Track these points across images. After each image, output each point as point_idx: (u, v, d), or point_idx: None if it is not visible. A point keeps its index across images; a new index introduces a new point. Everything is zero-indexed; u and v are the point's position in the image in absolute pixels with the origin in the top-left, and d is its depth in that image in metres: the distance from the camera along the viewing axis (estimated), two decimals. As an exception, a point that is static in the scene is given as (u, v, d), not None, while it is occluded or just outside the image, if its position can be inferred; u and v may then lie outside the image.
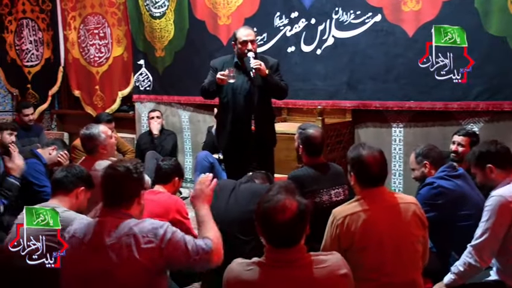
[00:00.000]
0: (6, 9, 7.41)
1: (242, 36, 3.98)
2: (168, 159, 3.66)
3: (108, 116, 5.83)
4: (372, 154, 2.43)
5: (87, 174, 2.99)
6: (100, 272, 2.04)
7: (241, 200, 3.15)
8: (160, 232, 2.07)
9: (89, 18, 6.80)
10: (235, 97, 4.03)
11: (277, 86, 3.98)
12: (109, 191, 2.20)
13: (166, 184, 3.50)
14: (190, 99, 6.07)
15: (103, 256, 2.04)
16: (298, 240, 1.90)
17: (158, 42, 6.15)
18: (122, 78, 6.70)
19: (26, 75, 7.53)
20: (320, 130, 3.49)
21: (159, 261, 2.05)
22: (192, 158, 6.21)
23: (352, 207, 2.40)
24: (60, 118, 7.83)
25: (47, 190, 3.87)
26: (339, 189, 3.34)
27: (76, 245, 2.14)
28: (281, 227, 1.85)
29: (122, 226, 2.09)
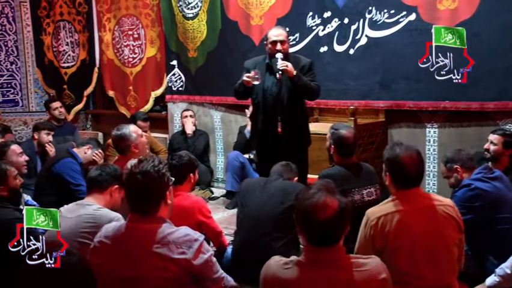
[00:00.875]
0: (45, 12, 7.58)
1: (272, 37, 3.97)
2: (178, 156, 3.45)
3: (144, 115, 5.90)
4: (409, 154, 2.38)
5: (121, 173, 3.02)
6: (131, 279, 2.03)
7: (273, 198, 3.17)
8: (194, 246, 2.06)
9: (124, 20, 6.90)
10: (265, 98, 4.02)
11: (306, 87, 3.94)
12: (133, 197, 2.16)
13: (182, 183, 3.35)
14: (222, 100, 6.09)
15: (133, 264, 2.04)
16: (338, 239, 1.86)
17: (191, 42, 6.19)
18: (155, 79, 6.77)
19: (62, 76, 7.68)
20: (352, 131, 3.46)
21: (189, 274, 2.04)
22: (224, 158, 6.23)
23: (386, 207, 2.37)
24: (95, 118, 7.97)
25: (83, 189, 3.94)
26: (371, 189, 3.30)
27: (105, 252, 2.13)
28: (322, 225, 1.81)
29: (154, 233, 2.07)
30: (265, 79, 4.01)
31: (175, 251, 2.03)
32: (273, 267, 1.94)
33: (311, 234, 1.86)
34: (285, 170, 3.44)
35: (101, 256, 2.13)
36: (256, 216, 3.18)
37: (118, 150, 3.85)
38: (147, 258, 2.03)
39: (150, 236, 2.06)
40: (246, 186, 3.42)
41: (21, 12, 7.56)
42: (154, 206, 2.14)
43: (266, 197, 3.21)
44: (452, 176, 3.28)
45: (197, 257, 2.05)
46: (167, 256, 2.02)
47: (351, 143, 3.37)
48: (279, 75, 3.87)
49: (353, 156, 3.42)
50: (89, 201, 2.84)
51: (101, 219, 2.68)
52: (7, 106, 7.66)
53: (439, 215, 2.34)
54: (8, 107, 7.67)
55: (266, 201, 3.19)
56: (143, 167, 2.16)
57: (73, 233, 2.66)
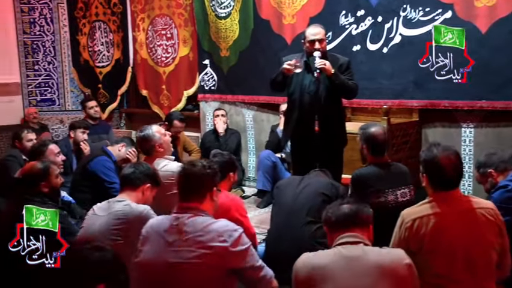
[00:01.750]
0: (81, 13, 7.74)
1: (310, 35, 3.95)
2: (220, 154, 3.56)
3: (180, 115, 5.90)
4: (447, 155, 2.33)
5: (154, 172, 3.07)
6: (174, 264, 2.14)
7: (308, 187, 3.23)
8: (235, 234, 2.18)
9: (157, 20, 6.98)
10: (303, 96, 3.99)
11: (344, 86, 3.91)
12: (184, 186, 2.33)
13: (222, 181, 3.35)
14: (254, 99, 6.09)
15: (178, 250, 2.15)
16: (361, 223, 2.11)
17: (223, 42, 6.22)
18: (188, 78, 6.82)
19: (97, 76, 7.82)
20: (382, 128, 3.42)
21: (229, 262, 2.13)
22: (255, 157, 6.23)
23: (422, 209, 2.32)
24: (128, 117, 8.08)
25: (117, 186, 3.99)
26: (405, 190, 3.25)
27: (154, 239, 2.25)
28: (344, 215, 2.09)
29: (198, 222, 2.20)
30: (303, 77, 3.99)
31: (216, 239, 2.13)
32: (303, 258, 2.06)
33: (334, 219, 2.14)
34: (319, 175, 3.48)
35: (149, 242, 2.25)
36: (289, 207, 3.22)
37: (143, 151, 3.87)
38: (189, 245, 2.14)
39: (193, 224, 2.19)
40: (280, 185, 3.47)
41: (59, 13, 7.73)
42: (200, 197, 2.30)
43: (300, 189, 3.25)
44: (487, 181, 3.20)
45: (237, 245, 2.16)
46: (208, 244, 2.13)
47: (382, 141, 3.33)
48: (317, 73, 3.85)
49: (386, 155, 3.38)
50: (120, 198, 2.89)
51: (130, 213, 2.74)
52: (44, 105, 7.85)
53: (478, 219, 2.28)
54: (46, 105, 7.86)
55: (300, 192, 3.23)
56: (196, 162, 2.41)
57: (105, 230, 2.71)
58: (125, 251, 2.51)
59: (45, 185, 3.10)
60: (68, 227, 3.06)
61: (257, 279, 2.24)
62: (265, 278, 2.25)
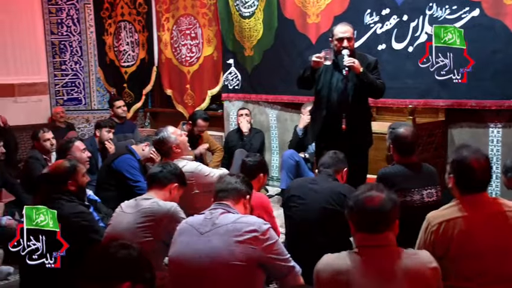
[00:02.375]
0: (107, 13, 7.84)
1: (338, 33, 3.92)
2: (253, 155, 3.67)
3: (205, 114, 5.92)
4: (477, 158, 2.28)
5: (181, 172, 3.09)
6: (206, 254, 2.21)
7: (321, 195, 3.12)
8: (264, 227, 2.26)
9: (182, 20, 7.02)
10: (330, 94, 3.97)
11: (372, 85, 3.87)
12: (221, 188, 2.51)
13: (251, 180, 3.47)
14: (278, 98, 6.09)
15: (209, 240, 2.24)
16: (386, 227, 1.97)
17: (247, 41, 6.23)
18: (212, 77, 6.84)
19: (122, 75, 7.91)
20: (411, 129, 3.38)
21: (259, 252, 2.19)
22: (279, 157, 6.22)
23: (449, 212, 2.28)
24: (153, 116, 8.15)
25: (141, 185, 4.05)
26: (432, 190, 3.20)
27: (187, 232, 2.35)
28: (371, 212, 1.95)
29: (229, 217, 2.33)
30: (332, 75, 3.97)
31: (246, 229, 2.22)
32: (324, 260, 2.02)
33: (361, 221, 1.99)
34: (333, 161, 3.36)
35: (181, 237, 2.35)
36: (302, 221, 3.14)
37: (161, 153, 3.89)
38: (220, 235, 2.23)
39: (224, 218, 2.31)
40: (291, 189, 3.36)
41: (85, 13, 7.85)
42: (234, 197, 2.47)
43: (311, 199, 3.14)
44: None
45: (266, 236, 2.23)
46: (239, 233, 2.21)
47: (410, 141, 3.29)
48: (346, 71, 3.83)
49: (413, 156, 3.34)
50: (147, 196, 2.91)
51: (158, 210, 2.77)
52: (71, 104, 7.97)
53: (508, 221, 2.22)
54: (72, 105, 7.98)
55: (311, 203, 3.13)
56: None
57: (133, 227, 2.74)
58: (154, 247, 2.55)
59: (72, 184, 3.13)
60: (93, 225, 3.10)
61: (286, 271, 2.29)
62: (293, 271, 2.31)
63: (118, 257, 1.74)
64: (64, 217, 2.97)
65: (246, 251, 2.18)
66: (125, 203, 2.97)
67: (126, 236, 2.64)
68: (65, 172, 3.14)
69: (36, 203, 3.19)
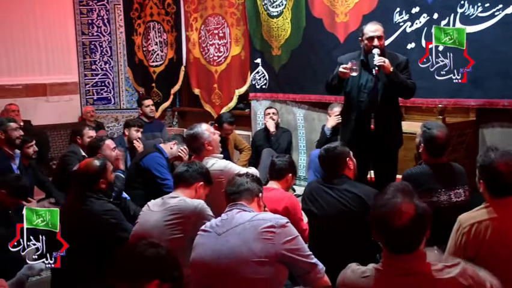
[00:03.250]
0: (136, 13, 7.94)
1: (369, 32, 3.87)
2: (282, 155, 3.68)
3: (230, 117, 5.89)
4: (505, 161, 2.23)
5: (207, 171, 3.11)
6: (225, 255, 2.22)
7: (340, 203, 3.05)
8: (282, 221, 2.26)
9: (210, 19, 7.06)
10: (360, 94, 3.94)
11: (403, 85, 3.82)
12: (232, 189, 2.52)
13: (280, 180, 3.52)
14: (306, 97, 6.07)
15: (228, 240, 2.25)
16: (416, 246, 1.76)
17: (275, 40, 6.22)
18: (240, 77, 6.86)
19: (151, 75, 8.00)
20: (444, 130, 3.31)
21: (278, 248, 2.18)
22: (306, 156, 6.20)
23: (480, 214, 2.23)
24: (181, 115, 8.22)
25: (169, 183, 4.07)
26: (460, 190, 3.14)
27: (206, 235, 2.36)
28: (398, 232, 1.73)
29: (246, 215, 2.34)
30: (361, 75, 3.93)
31: (264, 225, 2.22)
32: (350, 276, 1.87)
33: (388, 241, 1.79)
34: (332, 160, 3.24)
35: (200, 240, 2.37)
36: (323, 222, 3.10)
37: (192, 149, 3.87)
38: (238, 233, 2.24)
39: (241, 216, 2.33)
40: (307, 193, 3.29)
41: (115, 14, 7.96)
42: (247, 197, 2.49)
43: (328, 202, 3.08)
44: None
45: (284, 231, 2.22)
46: (257, 230, 2.21)
47: (442, 143, 3.23)
48: (376, 71, 3.78)
49: (443, 157, 3.29)
50: (174, 194, 2.94)
51: (185, 208, 2.79)
52: (100, 103, 8.10)
53: None
54: (102, 104, 8.11)
55: (329, 206, 3.07)
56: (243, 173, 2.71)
57: (161, 225, 2.76)
58: (183, 245, 2.57)
59: (103, 182, 3.20)
60: (122, 223, 3.15)
61: (308, 268, 2.25)
62: (316, 268, 2.26)
63: (146, 255, 1.75)
64: (94, 215, 3.03)
65: (265, 247, 2.18)
66: (152, 202, 3.00)
67: (154, 234, 2.67)
68: (96, 172, 3.20)
69: (69, 201, 3.27)
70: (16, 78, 7.36)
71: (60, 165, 4.92)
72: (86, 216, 3.04)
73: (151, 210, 2.92)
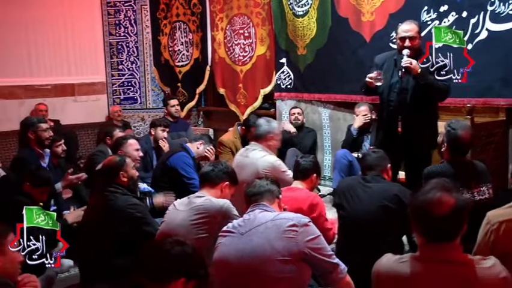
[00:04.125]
0: (163, 14, 8.01)
1: (401, 32, 3.84)
2: (307, 155, 3.70)
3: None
4: None
5: (232, 171, 3.13)
6: (248, 254, 2.24)
7: (373, 200, 3.06)
8: (304, 220, 2.27)
9: (235, 19, 7.08)
10: (390, 94, 3.92)
11: (432, 87, 3.74)
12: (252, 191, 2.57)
13: (304, 180, 3.52)
14: (331, 97, 6.04)
15: (250, 239, 2.27)
16: (454, 236, 1.81)
17: (300, 40, 6.20)
18: (265, 77, 6.86)
19: (177, 75, 8.06)
20: (469, 131, 3.27)
21: (300, 247, 2.19)
22: (331, 156, 6.17)
23: (509, 212, 2.21)
24: (206, 115, 8.26)
25: (195, 182, 4.11)
26: (483, 188, 3.11)
27: (228, 235, 2.38)
28: (437, 221, 1.78)
29: (268, 215, 2.38)
30: (392, 75, 3.92)
31: (286, 224, 2.23)
32: (386, 263, 1.93)
33: (426, 230, 1.83)
34: (377, 161, 3.28)
35: (223, 240, 2.39)
36: (355, 219, 3.10)
37: (254, 135, 4.09)
38: (261, 232, 2.26)
39: (263, 216, 2.36)
40: (342, 188, 3.32)
41: (142, 14, 8.05)
42: (268, 198, 2.53)
43: (364, 200, 3.09)
44: None
45: (306, 229, 2.24)
46: (280, 229, 2.23)
47: (467, 143, 3.20)
48: (402, 72, 3.75)
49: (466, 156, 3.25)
50: (200, 194, 2.97)
51: (211, 207, 2.82)
52: (127, 103, 8.20)
53: None
54: (128, 104, 8.21)
55: (365, 204, 3.08)
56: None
57: (187, 224, 2.79)
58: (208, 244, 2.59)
59: (123, 175, 3.26)
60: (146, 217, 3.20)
61: (330, 268, 2.26)
62: (338, 268, 2.27)
63: (172, 253, 1.77)
64: (118, 209, 3.09)
65: (288, 245, 2.19)
66: (178, 201, 3.04)
67: (180, 232, 2.71)
68: (115, 165, 3.29)
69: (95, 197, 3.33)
70: (45, 78, 7.50)
71: (88, 164, 5.00)
72: (111, 211, 3.09)
73: (177, 209, 2.95)
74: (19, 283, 2.37)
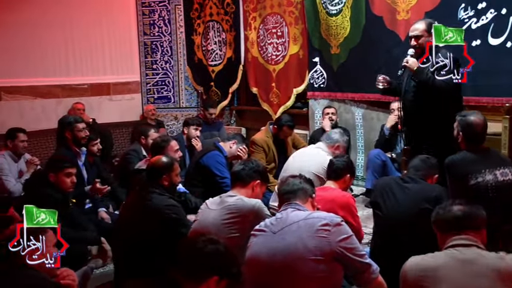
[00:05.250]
0: (196, 13, 8.09)
1: (409, 31, 3.97)
2: (340, 155, 3.70)
3: (291, 121, 5.63)
4: None
5: (263, 169, 3.15)
6: (281, 252, 2.25)
7: (409, 200, 3.05)
8: (337, 220, 2.28)
9: (268, 18, 7.09)
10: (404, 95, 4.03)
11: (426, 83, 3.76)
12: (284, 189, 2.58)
13: (338, 180, 3.51)
14: (364, 96, 5.99)
15: (283, 238, 2.29)
16: (474, 226, 2.07)
17: (333, 39, 6.18)
18: (297, 76, 6.85)
19: (210, 74, 8.12)
20: (482, 117, 3.24)
21: (332, 246, 2.20)
22: (364, 156, 6.13)
23: None
24: (238, 114, 8.30)
25: (228, 181, 4.13)
26: (506, 170, 3.06)
27: (261, 233, 2.40)
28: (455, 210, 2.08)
29: (300, 213, 2.37)
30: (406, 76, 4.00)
31: (319, 223, 2.24)
32: (415, 260, 2.04)
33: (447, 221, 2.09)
34: (424, 166, 3.27)
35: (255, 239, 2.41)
36: (392, 219, 3.08)
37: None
38: (293, 231, 2.27)
39: (296, 215, 2.37)
40: (380, 187, 3.31)
41: (176, 14, 8.15)
42: (301, 197, 2.53)
43: (402, 199, 3.08)
44: None
45: (339, 229, 2.24)
46: (312, 228, 2.24)
47: (480, 131, 3.17)
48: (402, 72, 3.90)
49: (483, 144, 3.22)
50: (232, 193, 2.99)
51: (243, 207, 2.84)
52: (161, 102, 8.31)
53: None
54: (162, 103, 8.32)
55: (403, 204, 3.06)
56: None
57: (218, 223, 2.82)
58: (240, 243, 2.61)
59: (166, 179, 3.29)
60: (183, 219, 3.23)
61: (362, 268, 2.26)
62: (370, 268, 2.27)
63: (205, 251, 1.80)
64: (155, 209, 3.13)
65: (320, 245, 2.20)
66: (210, 200, 3.07)
67: (212, 231, 2.73)
68: (162, 167, 3.32)
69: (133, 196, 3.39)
70: (82, 78, 7.66)
71: (122, 163, 5.09)
72: (148, 210, 3.13)
73: (209, 208, 2.99)
74: (58, 276, 2.45)
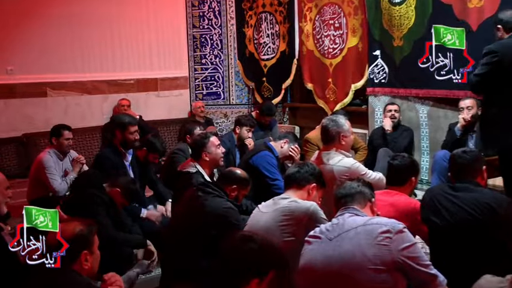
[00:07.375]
0: (248, 4, 8.11)
1: None
2: (400, 155, 3.47)
3: (345, 114, 5.53)
4: None
5: (319, 172, 3.12)
6: (336, 259, 2.23)
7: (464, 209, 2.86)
8: (399, 226, 2.22)
9: (325, 9, 7.02)
10: None
11: None
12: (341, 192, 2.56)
13: (401, 186, 3.32)
14: (430, 93, 5.83)
15: (340, 244, 2.26)
16: None
17: (396, 30, 6.04)
18: (356, 70, 6.75)
19: (262, 69, 8.13)
20: None
21: (393, 254, 2.15)
22: (429, 157, 5.98)
23: None
24: (292, 111, 8.27)
25: (279, 184, 4.13)
26: None
27: (316, 240, 2.38)
28: None
29: (358, 219, 2.33)
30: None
31: (378, 230, 2.20)
32: (484, 285, 1.95)
33: None
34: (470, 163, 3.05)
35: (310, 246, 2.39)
36: (446, 234, 2.91)
37: (325, 138, 3.84)
38: (350, 238, 2.25)
39: (354, 220, 2.35)
40: (426, 200, 3.10)
41: (227, 5, 8.20)
42: (359, 201, 2.51)
43: (454, 212, 2.88)
44: None
45: (401, 236, 2.19)
46: (371, 235, 2.20)
47: None
48: None
49: None
50: (285, 195, 2.98)
51: (297, 209, 2.83)
52: (210, 98, 8.39)
53: None
54: (211, 99, 8.40)
55: (454, 217, 2.87)
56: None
57: (271, 226, 2.82)
58: (294, 247, 2.60)
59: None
60: (239, 224, 3.22)
61: (427, 279, 2.20)
62: (436, 280, 2.21)
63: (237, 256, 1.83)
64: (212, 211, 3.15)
65: (381, 253, 2.16)
66: (263, 204, 3.09)
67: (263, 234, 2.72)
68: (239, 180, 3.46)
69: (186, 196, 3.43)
70: (128, 73, 7.85)
71: (168, 163, 5.16)
72: (204, 212, 3.15)
73: (261, 211, 2.99)
74: (105, 282, 2.52)
